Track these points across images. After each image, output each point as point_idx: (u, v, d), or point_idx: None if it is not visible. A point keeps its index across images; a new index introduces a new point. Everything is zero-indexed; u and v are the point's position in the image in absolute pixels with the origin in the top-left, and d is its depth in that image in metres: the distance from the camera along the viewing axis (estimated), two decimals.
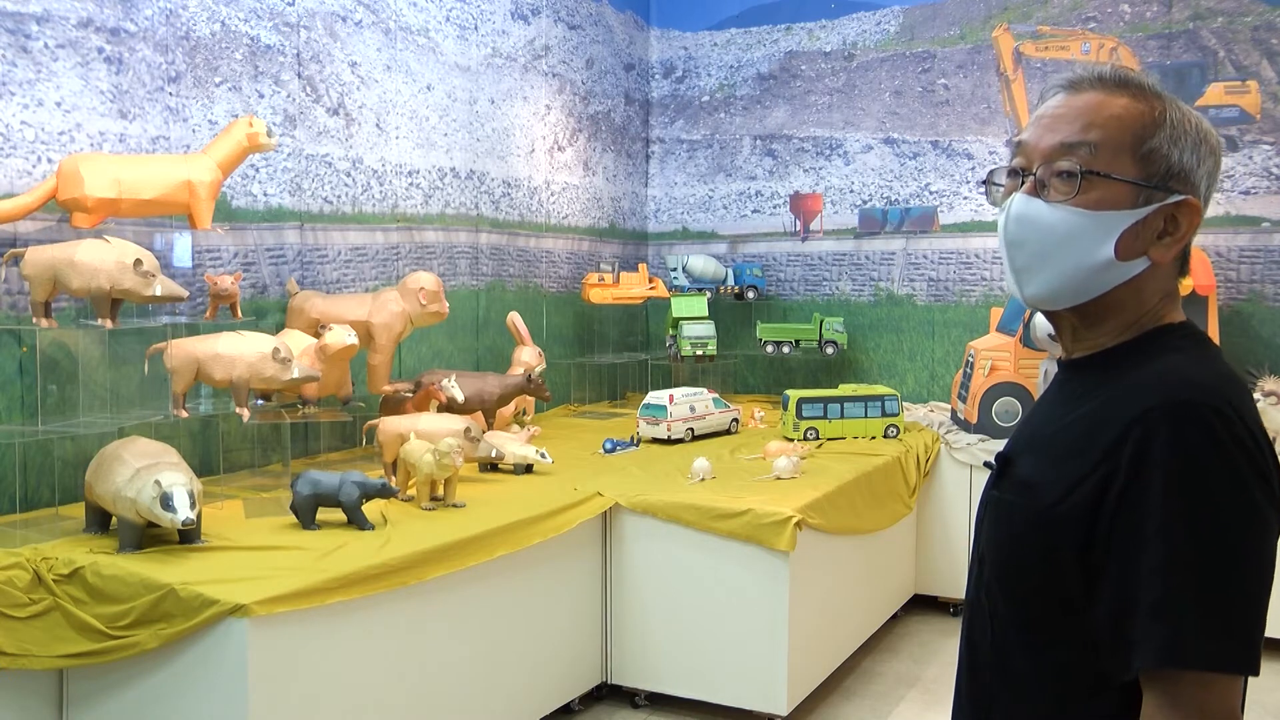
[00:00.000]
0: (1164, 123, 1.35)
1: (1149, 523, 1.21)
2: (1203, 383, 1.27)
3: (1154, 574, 1.20)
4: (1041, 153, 1.38)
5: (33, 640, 2.90)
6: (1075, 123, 1.36)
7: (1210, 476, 1.21)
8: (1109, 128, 1.35)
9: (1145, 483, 1.22)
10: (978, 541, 1.50)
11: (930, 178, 6.64)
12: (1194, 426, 1.22)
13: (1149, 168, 1.34)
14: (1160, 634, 1.19)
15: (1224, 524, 1.20)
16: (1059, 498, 1.30)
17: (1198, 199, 1.36)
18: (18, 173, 3.63)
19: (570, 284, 6.62)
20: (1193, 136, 1.36)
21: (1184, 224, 1.35)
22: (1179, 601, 1.19)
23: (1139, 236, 1.35)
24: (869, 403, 5.56)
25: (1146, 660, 1.20)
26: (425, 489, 3.86)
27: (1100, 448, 1.27)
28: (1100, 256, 1.35)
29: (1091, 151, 1.34)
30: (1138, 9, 6.11)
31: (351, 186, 4.98)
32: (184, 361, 3.69)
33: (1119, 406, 1.28)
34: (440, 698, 3.48)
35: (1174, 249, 1.36)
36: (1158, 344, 1.36)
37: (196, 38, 4.22)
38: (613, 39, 7.05)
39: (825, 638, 4.42)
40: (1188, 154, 1.35)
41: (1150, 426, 1.23)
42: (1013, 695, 1.39)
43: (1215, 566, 1.20)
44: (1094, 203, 1.34)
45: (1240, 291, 5.87)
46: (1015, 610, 1.38)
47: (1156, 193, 1.34)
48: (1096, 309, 1.39)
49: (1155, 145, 1.34)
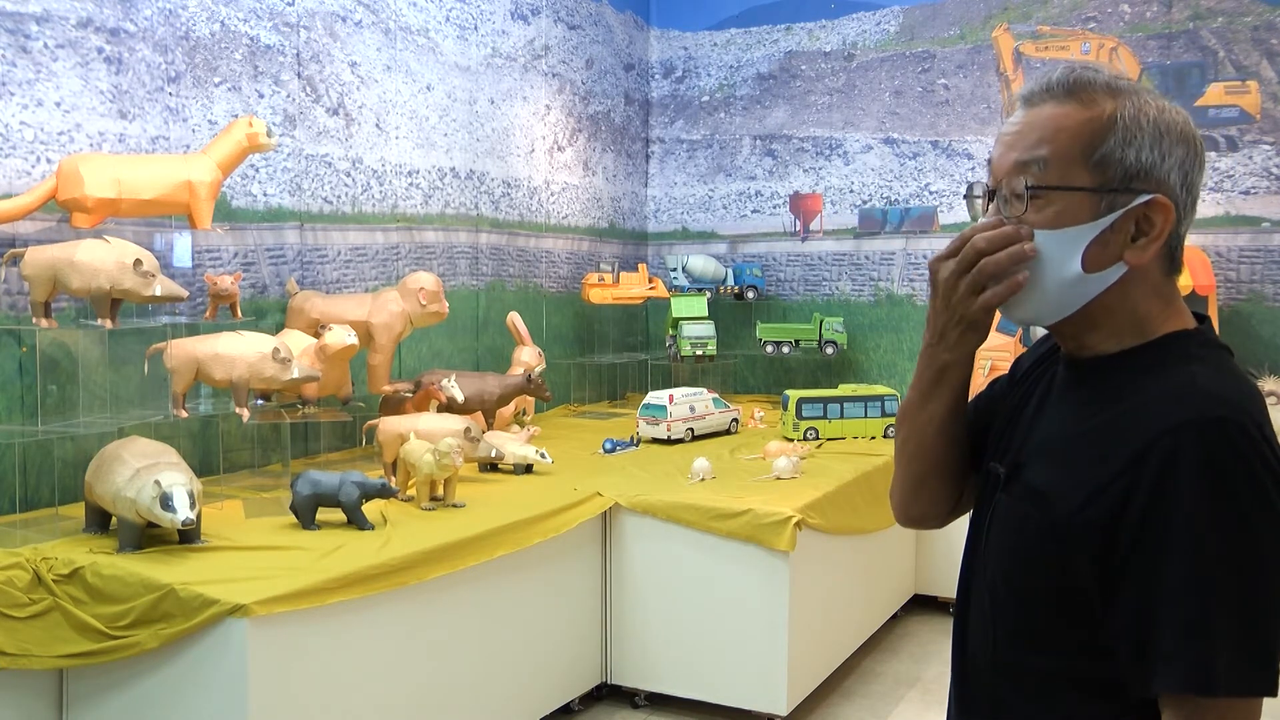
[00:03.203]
0: (1114, 125, 1.30)
1: (1175, 541, 1.18)
2: (1229, 398, 1.24)
3: (1179, 594, 1.18)
4: (1002, 170, 1.36)
5: (33, 640, 2.90)
6: (1028, 138, 1.34)
7: (1239, 496, 1.18)
8: (1057, 141, 1.31)
9: (1172, 499, 1.19)
10: (974, 546, 1.47)
11: (930, 178, 6.65)
12: (1223, 444, 1.19)
13: (1104, 174, 1.30)
14: (1185, 657, 1.17)
15: (1251, 546, 1.18)
16: (1076, 508, 1.26)
17: (1169, 195, 1.31)
18: (17, 173, 3.63)
19: (570, 284, 6.62)
20: (1150, 132, 1.31)
21: (1158, 223, 1.31)
22: (1205, 624, 1.17)
23: (1108, 244, 1.32)
24: (869, 403, 5.57)
25: (1171, 683, 1.18)
26: (425, 489, 3.86)
27: (1122, 459, 1.23)
28: (1069, 271, 1.32)
29: (1041, 167, 1.32)
30: (1138, 9, 6.11)
31: (351, 186, 4.99)
32: (184, 361, 3.69)
33: (1143, 418, 1.25)
34: (440, 698, 3.48)
35: (1150, 249, 1.32)
36: (1177, 352, 1.32)
37: (196, 38, 4.22)
38: (613, 39, 7.05)
39: (825, 638, 4.42)
40: (1146, 151, 1.30)
41: (1178, 442, 1.20)
42: (1016, 700, 1.37)
43: (1242, 589, 1.18)
44: (1053, 219, 1.31)
45: (1240, 291, 5.87)
46: (1022, 615, 1.36)
47: (1119, 197, 1.30)
48: (1084, 319, 1.36)
49: (1107, 150, 1.30)
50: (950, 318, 1.41)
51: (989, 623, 1.41)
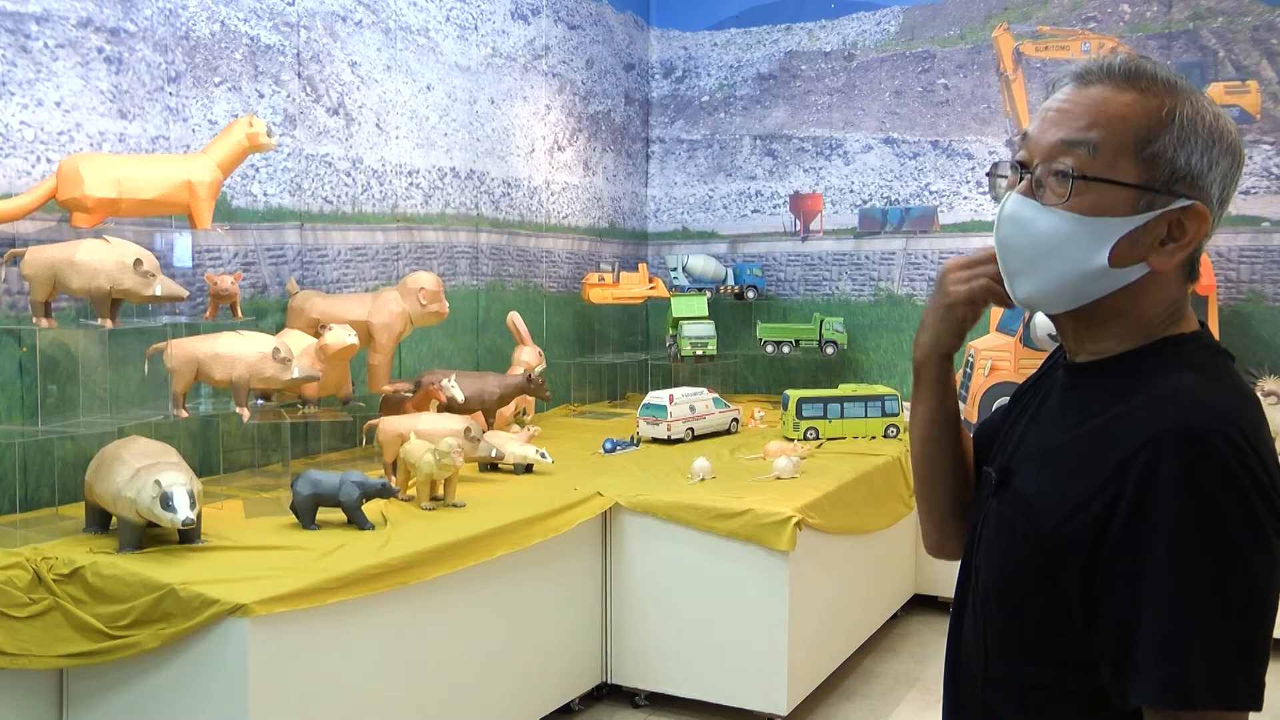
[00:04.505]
0: (1172, 123, 1.26)
1: (1154, 553, 1.16)
2: (1216, 406, 1.21)
3: (1158, 607, 1.16)
4: (1042, 149, 1.30)
5: (33, 640, 2.90)
6: (1079, 119, 1.28)
7: (1219, 508, 1.15)
8: (1111, 127, 1.26)
9: (1152, 511, 1.16)
10: (971, 549, 1.46)
11: (930, 178, 6.65)
12: (1205, 455, 1.16)
13: (1152, 171, 1.26)
14: (1164, 671, 1.15)
15: (1231, 559, 1.15)
16: (1061, 519, 1.24)
17: (1207, 204, 1.27)
18: (17, 173, 3.63)
19: (570, 284, 6.62)
20: (1204, 137, 1.26)
21: (1190, 230, 1.27)
22: (1183, 638, 1.15)
23: (1138, 243, 1.28)
24: (869, 403, 5.57)
25: (1149, 697, 1.17)
26: (425, 489, 3.86)
27: (1107, 470, 1.21)
28: (1093, 264, 1.28)
29: (1090, 152, 1.26)
30: (1138, 9, 6.11)
31: (351, 186, 4.99)
32: (184, 361, 3.69)
33: (1128, 427, 1.22)
34: (440, 698, 3.47)
35: (1177, 256, 1.28)
36: (1170, 357, 1.29)
37: (196, 37, 4.22)
38: (613, 39, 7.05)
39: (825, 638, 4.42)
40: (1197, 156, 1.26)
41: (1160, 452, 1.17)
42: (1006, 710, 1.36)
43: (1221, 602, 1.15)
44: (1089, 207, 1.27)
45: (1240, 291, 5.87)
46: (1010, 625, 1.35)
47: (1160, 197, 1.26)
48: (1094, 314, 1.33)
49: (1160, 147, 1.26)
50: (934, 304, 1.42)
51: (982, 626, 1.40)
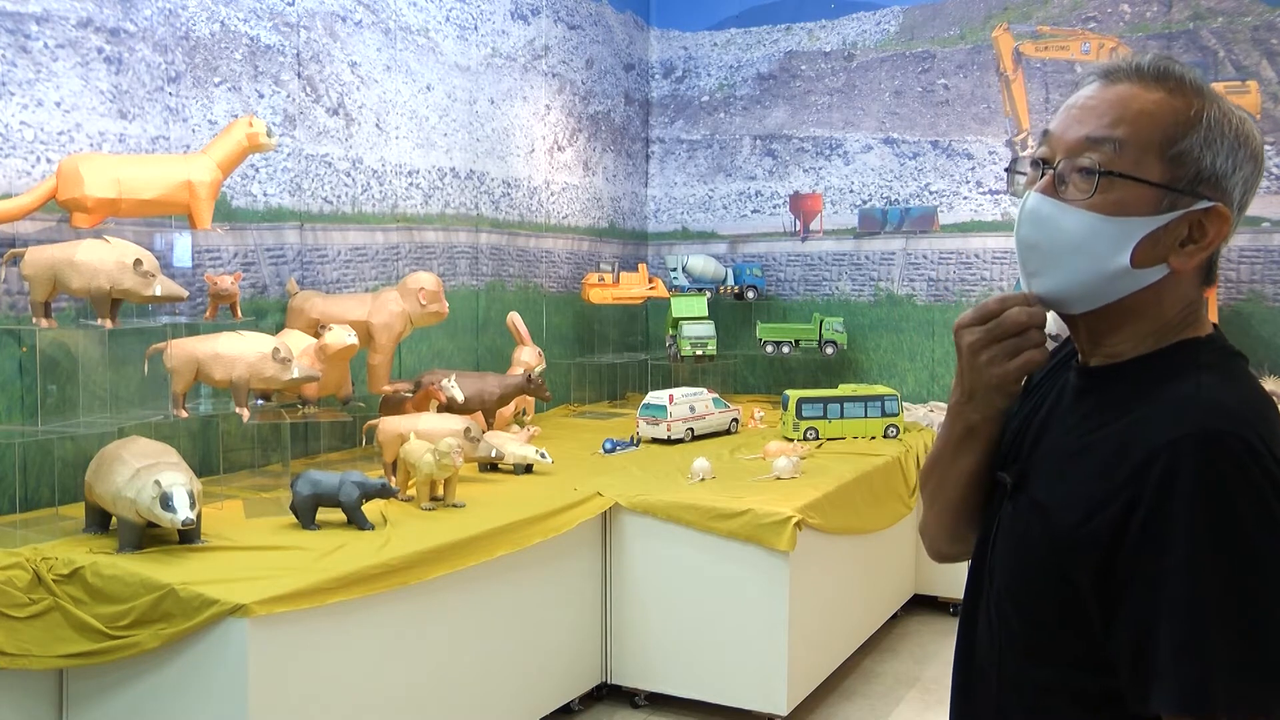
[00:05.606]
0: (1199, 123, 1.26)
1: (1172, 558, 1.16)
2: (1234, 409, 1.21)
3: (1176, 612, 1.16)
4: (1066, 145, 1.31)
5: (33, 640, 2.90)
6: (1104, 116, 1.28)
7: (1237, 512, 1.15)
8: (1138, 124, 1.27)
9: (1170, 515, 1.16)
10: (982, 554, 1.46)
11: (930, 178, 6.65)
12: (1223, 458, 1.16)
13: (1177, 170, 1.26)
14: (1183, 676, 1.15)
15: (1249, 562, 1.15)
16: (1077, 523, 1.24)
17: (1229, 207, 1.28)
18: (17, 173, 3.63)
19: (570, 284, 6.62)
20: (1230, 140, 1.27)
21: (1211, 232, 1.28)
22: (1201, 643, 1.14)
23: (1159, 243, 1.28)
24: (869, 403, 5.56)
25: (1168, 704, 1.16)
26: (425, 489, 3.86)
27: (1124, 474, 1.21)
28: (1115, 263, 1.28)
29: (1116, 149, 1.27)
30: (1138, 9, 6.11)
31: (351, 186, 4.99)
32: (184, 361, 3.69)
33: (1145, 430, 1.22)
34: (440, 697, 3.48)
35: (1197, 258, 1.29)
36: (1186, 360, 1.29)
37: (196, 38, 4.22)
38: (613, 39, 7.05)
39: (825, 638, 4.42)
40: (1222, 158, 1.27)
41: (1178, 455, 1.17)
42: (1018, 711, 1.36)
43: (1239, 606, 1.15)
44: (1112, 205, 1.27)
45: (1240, 291, 5.87)
46: (1025, 629, 1.34)
47: (1183, 198, 1.26)
48: (1111, 315, 1.33)
49: (1186, 147, 1.26)
50: (978, 380, 1.38)
51: (997, 629, 1.39)
